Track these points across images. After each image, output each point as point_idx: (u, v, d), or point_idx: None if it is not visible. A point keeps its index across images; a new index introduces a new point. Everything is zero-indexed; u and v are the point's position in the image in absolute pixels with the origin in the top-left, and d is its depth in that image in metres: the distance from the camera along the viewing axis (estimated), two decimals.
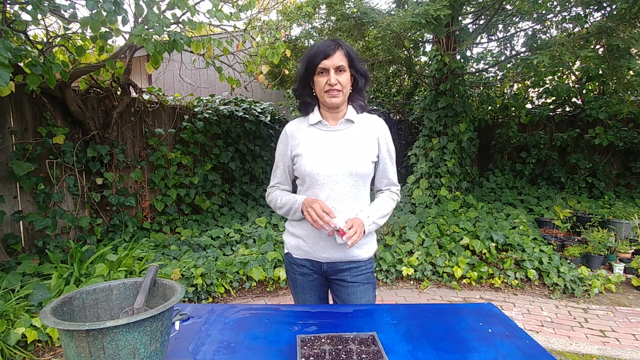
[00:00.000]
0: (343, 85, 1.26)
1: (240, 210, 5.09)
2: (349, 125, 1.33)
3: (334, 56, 1.23)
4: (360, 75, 1.31)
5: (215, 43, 3.19)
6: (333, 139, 1.31)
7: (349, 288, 1.34)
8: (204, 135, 4.73)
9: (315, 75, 1.27)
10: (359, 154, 1.29)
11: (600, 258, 3.78)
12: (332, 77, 1.23)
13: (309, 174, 1.28)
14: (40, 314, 0.73)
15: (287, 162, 1.37)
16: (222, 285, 3.19)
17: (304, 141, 1.32)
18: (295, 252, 1.38)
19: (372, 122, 1.36)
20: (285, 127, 1.40)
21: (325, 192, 1.28)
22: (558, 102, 6.07)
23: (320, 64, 1.24)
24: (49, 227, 3.07)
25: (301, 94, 1.34)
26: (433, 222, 4.15)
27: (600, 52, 4.23)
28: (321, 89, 1.26)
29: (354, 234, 1.17)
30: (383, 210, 1.33)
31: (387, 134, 1.37)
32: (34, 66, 2.42)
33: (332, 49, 1.23)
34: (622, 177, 5.69)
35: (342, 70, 1.25)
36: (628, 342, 2.59)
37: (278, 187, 1.43)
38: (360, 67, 1.29)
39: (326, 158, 1.28)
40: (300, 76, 1.31)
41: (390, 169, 1.39)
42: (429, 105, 5.17)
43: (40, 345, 2.34)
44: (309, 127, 1.34)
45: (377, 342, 0.90)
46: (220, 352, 0.94)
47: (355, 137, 1.32)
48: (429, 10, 3.52)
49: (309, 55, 1.27)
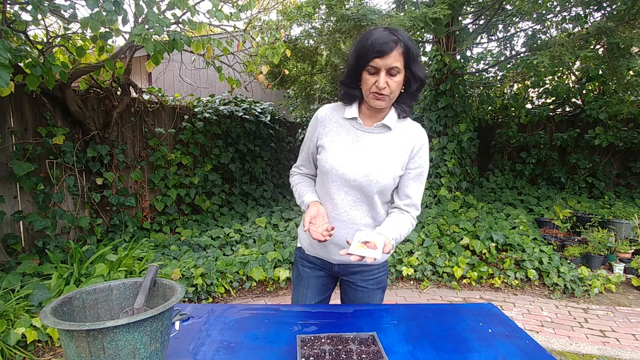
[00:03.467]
0: (392, 90, 1.11)
1: (240, 210, 5.09)
2: (384, 130, 1.20)
3: (390, 55, 1.06)
4: (415, 79, 1.14)
5: (215, 43, 3.19)
6: (363, 140, 1.20)
7: (357, 292, 1.32)
8: (204, 136, 4.73)
9: (364, 70, 1.11)
10: (385, 164, 1.17)
11: (600, 258, 3.78)
12: (382, 81, 1.08)
13: (327, 172, 1.20)
14: (40, 314, 0.73)
15: (312, 148, 1.28)
16: (222, 285, 3.19)
17: (331, 133, 1.22)
18: (308, 249, 1.35)
19: (411, 132, 1.21)
20: (318, 111, 1.28)
21: (340, 195, 1.21)
22: (558, 102, 6.07)
23: (372, 62, 1.07)
24: (49, 227, 3.07)
25: (348, 85, 1.19)
26: (433, 222, 4.15)
27: (600, 52, 4.23)
28: (367, 89, 1.12)
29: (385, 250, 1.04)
30: (402, 235, 1.20)
31: (424, 148, 1.22)
32: (34, 67, 2.42)
33: (389, 47, 1.05)
34: (622, 177, 5.70)
35: (395, 73, 1.09)
36: (628, 342, 2.59)
37: (300, 170, 1.37)
38: (417, 69, 1.12)
39: (349, 160, 1.18)
40: (349, 67, 1.16)
41: (415, 188, 1.24)
42: (429, 105, 5.17)
43: (40, 345, 2.34)
44: (342, 119, 1.22)
45: (377, 342, 0.90)
46: (220, 352, 0.94)
47: (388, 144, 1.19)
48: (427, 14, 3.52)
49: (361, 46, 1.10)
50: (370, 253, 1.00)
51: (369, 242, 1.05)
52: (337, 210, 1.23)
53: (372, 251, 1.01)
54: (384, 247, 1.03)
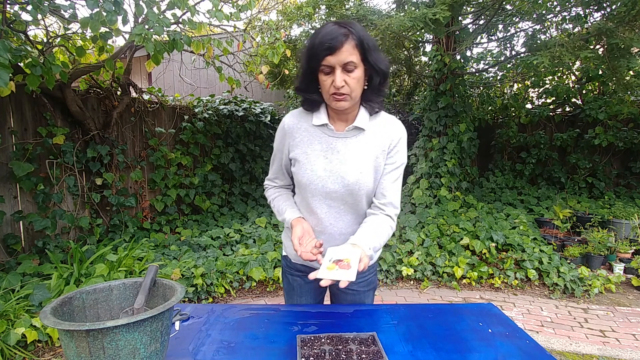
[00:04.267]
0: (352, 88, 1.01)
1: (240, 210, 5.09)
2: (358, 132, 1.12)
3: (342, 50, 0.97)
4: (376, 73, 1.04)
5: (215, 43, 3.19)
6: (338, 147, 1.11)
7: (348, 295, 1.28)
8: (204, 136, 4.73)
9: (319, 72, 1.02)
10: (365, 169, 1.10)
11: (600, 258, 3.78)
12: (338, 79, 0.99)
13: (305, 187, 1.13)
14: (40, 314, 0.73)
15: (285, 160, 1.20)
16: (222, 285, 3.19)
17: (303, 144, 1.13)
18: (294, 257, 1.29)
19: (387, 128, 1.13)
20: (284, 119, 1.18)
21: (322, 209, 1.15)
22: (558, 102, 6.07)
23: (324, 61, 0.99)
24: (49, 227, 3.07)
25: (305, 90, 1.10)
26: (433, 222, 4.15)
27: (600, 53, 4.23)
28: (326, 91, 1.04)
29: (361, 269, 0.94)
30: (381, 242, 1.11)
31: (401, 142, 1.14)
32: (34, 67, 2.42)
33: (339, 41, 0.96)
34: (622, 177, 5.70)
35: (352, 68, 0.99)
36: (628, 342, 2.59)
37: (275, 183, 1.29)
38: (376, 60, 1.02)
39: (327, 172, 1.11)
40: (302, 71, 1.07)
41: (391, 185, 1.14)
42: (429, 106, 5.17)
43: (40, 345, 2.34)
44: (311, 127, 1.14)
45: (377, 342, 0.90)
46: (220, 352, 0.94)
47: (364, 147, 1.11)
48: (427, 14, 3.52)
49: (311, 45, 1.01)
50: (343, 275, 0.88)
51: (342, 261, 0.93)
52: (322, 224, 1.17)
53: (346, 272, 0.89)
54: (360, 262, 0.93)
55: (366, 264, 0.95)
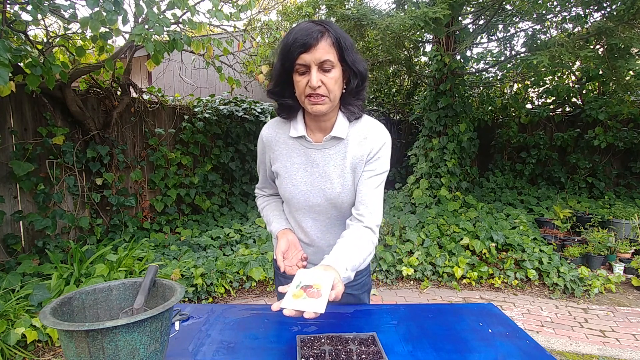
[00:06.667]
0: (329, 89, 0.94)
1: (240, 210, 5.09)
2: (336, 142, 1.05)
3: (317, 48, 0.90)
4: (354, 74, 0.98)
5: (215, 43, 3.20)
6: (317, 160, 1.06)
7: (342, 298, 1.25)
8: (204, 136, 4.73)
9: (294, 72, 0.95)
10: (345, 181, 1.05)
11: (600, 258, 3.78)
12: (314, 78, 0.92)
13: (289, 201, 1.11)
14: (40, 314, 0.73)
15: (268, 172, 1.18)
16: (222, 285, 3.19)
17: (282, 157, 1.09)
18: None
19: (367, 135, 1.05)
20: (262, 131, 1.14)
21: (308, 222, 1.13)
22: (558, 102, 6.08)
23: (299, 59, 0.92)
24: (49, 227, 3.07)
25: (278, 94, 1.03)
26: (433, 222, 4.15)
27: (600, 53, 4.23)
28: (301, 93, 0.96)
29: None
30: (360, 260, 0.99)
31: (383, 149, 1.05)
32: (34, 67, 2.42)
33: (314, 38, 0.90)
34: (622, 177, 5.70)
35: (329, 68, 0.93)
36: (628, 342, 2.59)
37: (263, 192, 1.28)
38: (354, 61, 0.96)
39: (307, 186, 1.07)
40: (276, 72, 1.00)
41: (371, 192, 1.04)
42: (429, 106, 5.17)
43: (40, 345, 2.34)
44: (289, 139, 1.08)
45: (377, 342, 0.90)
46: (220, 353, 0.94)
47: (344, 158, 1.04)
48: (427, 13, 3.52)
49: (285, 43, 0.94)
50: (310, 306, 0.74)
51: (311, 287, 0.78)
52: (309, 237, 1.15)
53: (314, 302, 0.75)
54: (333, 290, 0.79)
55: (340, 292, 0.81)
